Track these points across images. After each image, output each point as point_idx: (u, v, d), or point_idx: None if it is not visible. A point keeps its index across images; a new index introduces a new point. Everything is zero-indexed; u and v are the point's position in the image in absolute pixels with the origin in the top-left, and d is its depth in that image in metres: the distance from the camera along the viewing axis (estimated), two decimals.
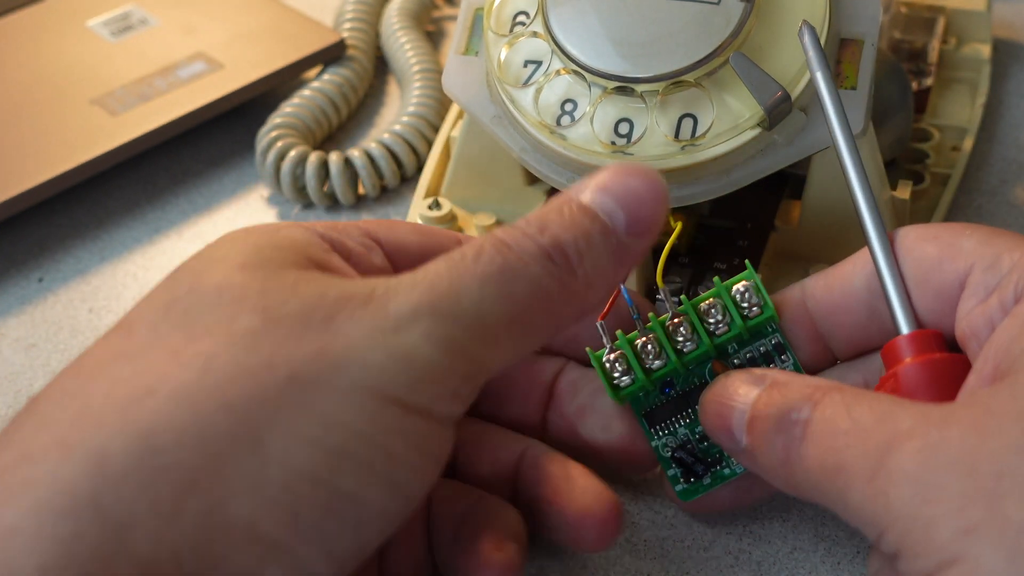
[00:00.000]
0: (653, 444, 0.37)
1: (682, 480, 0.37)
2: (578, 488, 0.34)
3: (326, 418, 0.28)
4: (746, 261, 0.37)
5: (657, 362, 0.36)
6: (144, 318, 0.30)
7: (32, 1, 0.61)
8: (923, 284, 0.34)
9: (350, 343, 0.29)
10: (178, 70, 0.56)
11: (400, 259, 0.35)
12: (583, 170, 0.41)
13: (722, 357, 0.37)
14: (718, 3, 0.39)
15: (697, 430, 0.37)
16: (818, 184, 0.43)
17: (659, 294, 0.38)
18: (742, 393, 0.33)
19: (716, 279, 0.37)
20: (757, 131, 0.39)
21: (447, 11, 0.64)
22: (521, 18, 0.42)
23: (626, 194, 0.32)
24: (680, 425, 0.37)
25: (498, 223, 0.47)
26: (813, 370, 0.37)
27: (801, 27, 0.37)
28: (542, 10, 0.41)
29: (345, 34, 0.59)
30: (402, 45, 0.58)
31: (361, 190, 0.53)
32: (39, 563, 0.26)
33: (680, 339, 0.36)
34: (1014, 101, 0.55)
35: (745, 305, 0.36)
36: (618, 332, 0.36)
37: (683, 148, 0.39)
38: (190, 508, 0.27)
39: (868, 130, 0.41)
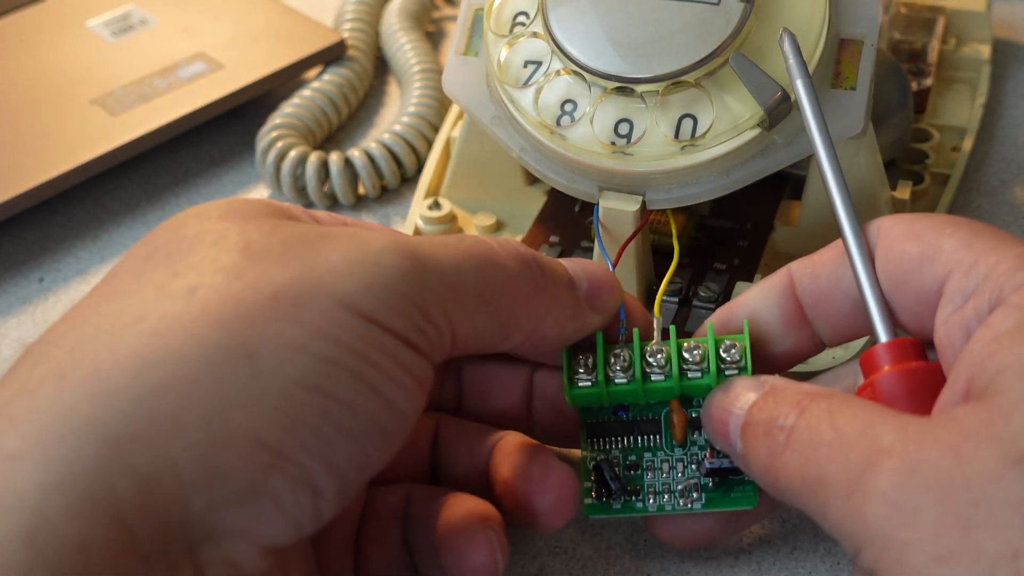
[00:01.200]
0: (583, 453, 0.37)
1: (593, 495, 0.36)
2: (537, 472, 0.35)
3: (314, 329, 0.29)
4: (744, 321, 0.36)
5: (621, 377, 0.36)
6: (125, 267, 0.31)
7: (32, 1, 0.61)
8: (903, 285, 0.33)
9: (331, 266, 0.30)
10: (178, 70, 0.56)
11: None
12: (583, 170, 0.41)
13: (685, 400, 0.36)
14: (718, 3, 0.39)
15: (629, 458, 0.36)
16: (818, 184, 0.43)
17: (656, 322, 0.37)
18: (742, 398, 0.33)
19: (709, 325, 0.36)
20: (757, 131, 0.39)
21: (447, 11, 0.64)
22: (521, 18, 0.42)
23: (591, 272, 0.36)
24: (616, 447, 0.37)
25: (498, 223, 0.48)
26: (802, 356, 0.37)
27: (782, 34, 0.37)
28: (542, 10, 0.41)
29: (345, 34, 0.59)
30: (402, 45, 0.58)
31: (361, 190, 0.53)
32: (40, 482, 0.26)
33: (653, 363, 0.35)
34: (1013, 101, 0.55)
35: (728, 360, 0.35)
36: (599, 333, 0.36)
37: (683, 148, 0.39)
38: (189, 420, 0.27)
39: (868, 130, 0.41)
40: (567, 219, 0.46)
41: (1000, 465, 0.27)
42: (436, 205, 0.48)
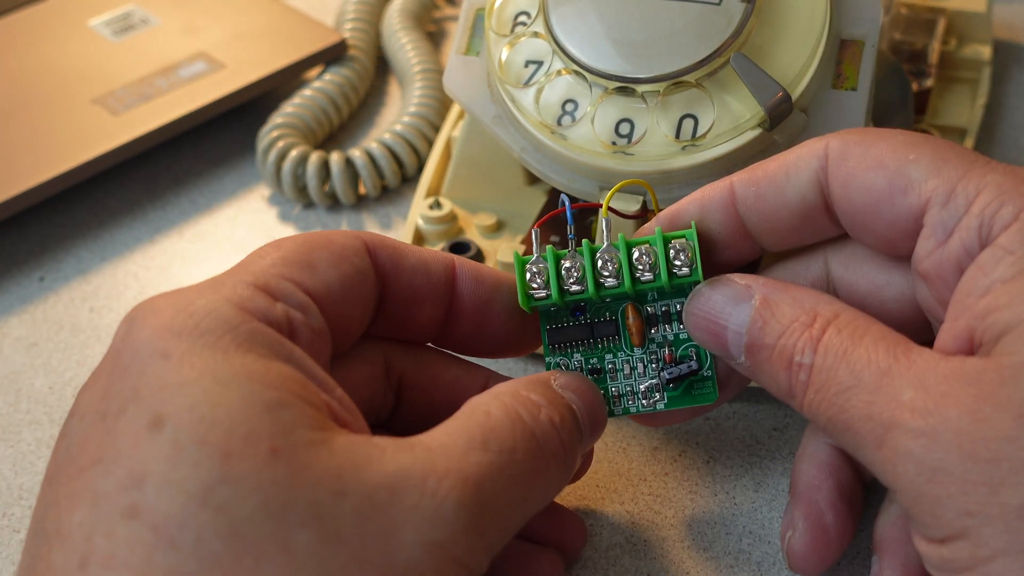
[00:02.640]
0: (547, 360, 0.37)
1: None
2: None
3: None
4: (692, 222, 0.36)
5: (576, 287, 0.36)
6: (175, 511, 0.28)
7: (33, 1, 0.61)
8: (874, 216, 0.33)
9: (406, 560, 0.29)
10: (179, 70, 0.56)
11: (328, 305, 0.33)
12: (583, 170, 0.41)
13: (639, 301, 0.37)
14: (719, 3, 0.39)
15: (591, 361, 0.37)
16: None
17: (603, 223, 0.37)
18: (733, 313, 0.34)
19: (658, 229, 0.36)
20: (757, 132, 0.39)
21: (448, 11, 0.64)
22: (522, 18, 0.42)
23: (591, 410, 0.35)
24: (577, 351, 0.37)
25: (498, 223, 0.48)
26: (743, 261, 0.36)
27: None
28: (543, 10, 0.41)
29: (346, 34, 0.59)
30: (403, 45, 0.58)
31: (362, 190, 0.53)
32: None
33: (605, 274, 0.36)
34: (1014, 102, 0.55)
35: (678, 263, 0.35)
36: (548, 247, 0.36)
37: (684, 148, 0.39)
38: None
39: None
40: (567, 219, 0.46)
41: (1017, 427, 0.28)
42: (437, 205, 0.48)
